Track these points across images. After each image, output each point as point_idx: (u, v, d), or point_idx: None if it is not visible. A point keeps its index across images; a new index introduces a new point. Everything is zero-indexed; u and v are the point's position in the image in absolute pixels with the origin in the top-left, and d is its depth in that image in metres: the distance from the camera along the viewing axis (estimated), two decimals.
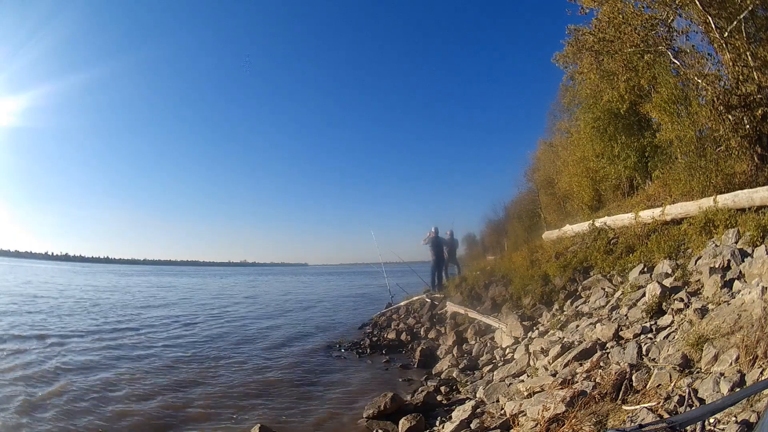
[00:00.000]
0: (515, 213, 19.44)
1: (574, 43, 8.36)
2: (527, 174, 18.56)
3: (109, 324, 10.08)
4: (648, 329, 3.76)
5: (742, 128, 5.93)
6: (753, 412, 1.99)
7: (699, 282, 4.14)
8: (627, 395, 2.74)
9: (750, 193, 4.76)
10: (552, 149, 15.31)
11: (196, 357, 7.15)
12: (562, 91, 13.43)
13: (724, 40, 6.19)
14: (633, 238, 6.35)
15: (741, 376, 2.37)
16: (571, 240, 8.83)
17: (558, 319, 5.46)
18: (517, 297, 7.04)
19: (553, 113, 15.80)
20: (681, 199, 6.09)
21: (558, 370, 3.84)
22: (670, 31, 7.04)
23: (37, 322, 9.56)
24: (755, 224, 4.14)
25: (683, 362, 2.83)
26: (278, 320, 11.93)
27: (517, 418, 3.16)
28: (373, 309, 12.45)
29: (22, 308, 11.85)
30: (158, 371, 6.15)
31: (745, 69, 5.97)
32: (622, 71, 8.09)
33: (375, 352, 7.41)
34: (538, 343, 4.79)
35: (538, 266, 7.79)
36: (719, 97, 5.97)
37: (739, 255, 3.91)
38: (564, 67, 9.53)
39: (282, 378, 6.01)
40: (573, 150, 12.12)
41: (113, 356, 6.91)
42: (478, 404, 3.89)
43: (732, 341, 2.70)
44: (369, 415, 4.26)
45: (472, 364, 5.62)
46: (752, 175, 5.81)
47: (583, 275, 6.44)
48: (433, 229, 10.73)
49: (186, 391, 5.30)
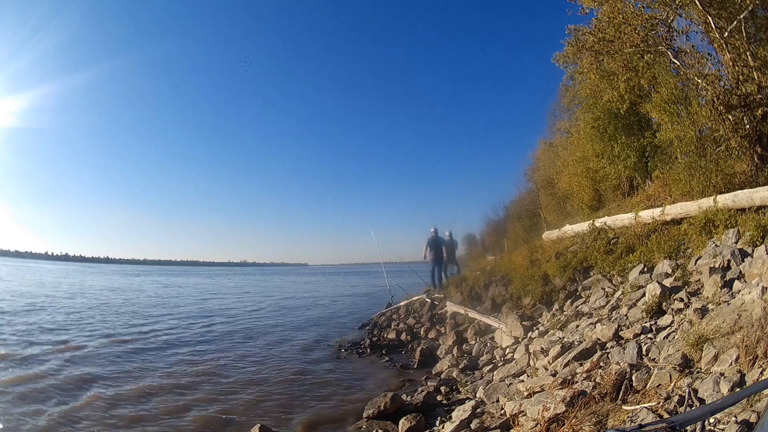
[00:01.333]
0: (515, 213, 19.45)
1: (574, 43, 8.36)
2: (527, 174, 18.60)
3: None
4: (648, 329, 3.76)
5: (742, 128, 5.93)
6: (753, 412, 1.99)
7: (699, 282, 4.15)
8: (627, 395, 2.74)
9: (750, 193, 4.76)
10: (552, 149, 15.31)
11: (195, 356, 7.15)
12: (562, 91, 13.43)
13: (724, 40, 6.19)
14: (633, 238, 6.35)
15: (741, 376, 2.37)
16: (571, 240, 8.84)
17: (558, 319, 5.46)
18: (517, 297, 7.04)
19: (553, 113, 15.82)
20: (681, 199, 6.08)
21: (558, 370, 3.84)
22: (670, 31, 7.04)
23: (98, 327, 9.55)
24: (755, 224, 4.14)
25: (683, 362, 2.83)
26: (278, 320, 11.93)
27: (517, 418, 3.16)
28: (373, 309, 12.44)
29: (58, 310, 11.95)
30: (158, 371, 6.16)
31: (745, 69, 5.96)
32: (622, 71, 8.10)
33: (375, 352, 7.40)
34: (538, 343, 4.79)
35: (538, 266, 7.79)
36: (719, 97, 5.97)
37: (739, 255, 3.91)
38: (564, 67, 9.55)
39: (282, 378, 6.01)
40: (573, 150, 12.12)
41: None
42: (478, 404, 3.89)
43: (732, 341, 2.70)
44: (369, 415, 4.26)
45: (472, 364, 5.62)
46: (752, 175, 5.81)
47: (583, 275, 6.44)
48: (432, 229, 10.83)
49: (185, 390, 5.30)
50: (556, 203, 15.22)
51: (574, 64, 9.14)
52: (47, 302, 13.83)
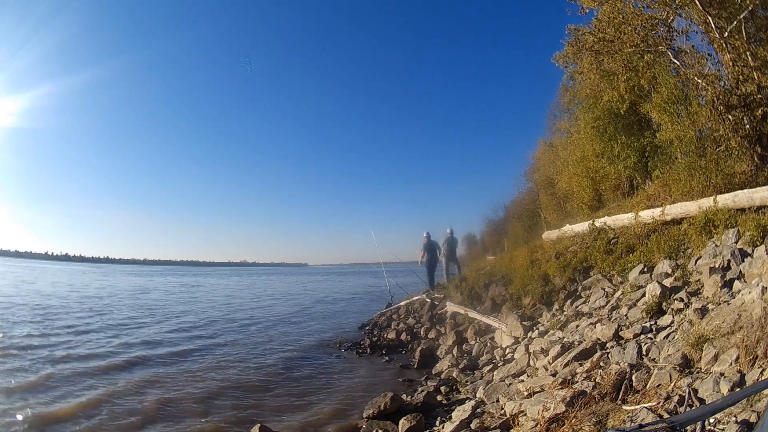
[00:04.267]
0: (515, 213, 19.47)
1: (574, 43, 8.34)
2: (527, 174, 18.61)
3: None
4: (648, 329, 3.76)
5: (742, 128, 5.93)
6: (753, 412, 1.99)
7: (699, 282, 4.14)
8: (627, 395, 2.74)
9: (750, 193, 4.76)
10: (552, 149, 15.33)
11: (193, 355, 7.16)
12: (562, 90, 13.47)
13: (724, 40, 6.19)
14: (633, 238, 6.35)
15: (741, 376, 2.37)
16: (571, 240, 8.83)
17: (558, 319, 5.46)
18: (517, 297, 7.04)
19: (553, 113, 15.83)
20: (681, 199, 6.08)
21: (558, 370, 3.84)
22: (670, 31, 7.03)
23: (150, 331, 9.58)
24: (755, 224, 4.14)
25: (683, 362, 2.82)
26: (277, 319, 11.94)
27: (517, 418, 3.16)
28: (373, 309, 12.45)
29: (91, 312, 12.17)
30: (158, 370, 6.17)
31: (745, 69, 5.96)
32: (622, 71, 8.09)
33: (375, 352, 7.41)
34: (538, 343, 4.79)
35: (538, 266, 7.78)
36: (719, 97, 5.96)
37: (739, 255, 3.91)
38: (564, 67, 9.53)
39: (282, 377, 6.01)
40: (573, 150, 12.13)
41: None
42: (478, 404, 3.89)
43: (732, 341, 2.70)
44: (369, 415, 4.26)
45: (472, 364, 5.62)
46: (752, 175, 5.81)
47: (583, 275, 6.43)
48: (425, 234, 11.24)
49: (183, 390, 5.30)
50: (556, 203, 15.25)
51: (574, 64, 9.12)
52: (115, 302, 15.06)
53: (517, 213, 19.03)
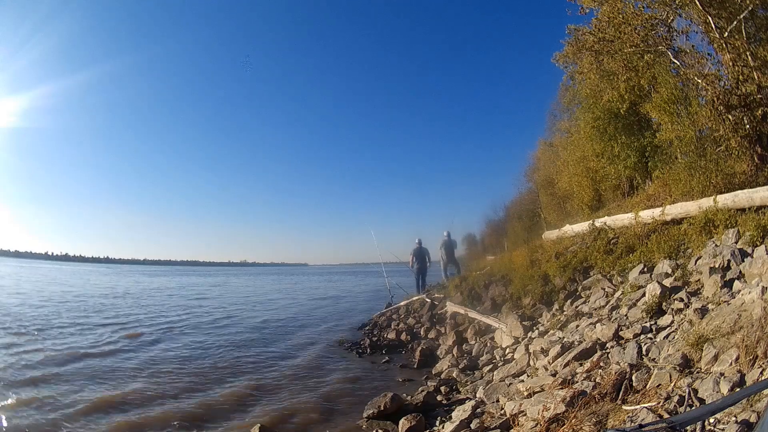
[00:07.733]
0: (515, 213, 19.42)
1: (574, 42, 8.34)
2: (527, 174, 18.58)
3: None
4: (648, 329, 3.76)
5: (742, 128, 5.93)
6: (753, 412, 1.99)
7: (699, 282, 4.14)
8: (627, 395, 2.74)
9: (750, 193, 4.76)
10: (552, 149, 15.30)
11: (194, 359, 7.15)
12: (562, 90, 13.44)
13: (724, 40, 6.19)
14: (633, 238, 6.35)
15: (741, 376, 2.37)
16: (571, 240, 8.83)
17: (558, 319, 5.46)
18: (517, 297, 7.03)
19: (553, 113, 15.79)
20: (681, 199, 6.08)
21: (558, 370, 3.84)
22: (670, 31, 7.03)
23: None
24: (755, 224, 4.14)
25: (683, 362, 2.82)
26: (278, 319, 11.93)
27: (517, 418, 3.16)
28: (373, 309, 12.44)
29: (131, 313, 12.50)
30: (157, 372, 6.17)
31: (745, 69, 5.96)
32: (622, 71, 8.08)
33: (375, 352, 7.40)
34: (538, 343, 4.79)
35: (538, 266, 7.78)
36: (719, 97, 5.96)
37: (739, 255, 3.91)
38: (564, 67, 9.50)
39: (282, 377, 6.01)
40: (573, 150, 12.12)
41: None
42: (478, 404, 3.89)
43: (732, 341, 2.70)
44: (369, 415, 4.26)
45: (472, 364, 5.62)
46: (752, 175, 5.81)
47: (583, 275, 6.43)
48: (417, 240, 11.43)
49: (183, 392, 5.30)
50: (556, 203, 15.22)
51: (574, 64, 9.11)
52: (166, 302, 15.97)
53: (517, 213, 18.99)
